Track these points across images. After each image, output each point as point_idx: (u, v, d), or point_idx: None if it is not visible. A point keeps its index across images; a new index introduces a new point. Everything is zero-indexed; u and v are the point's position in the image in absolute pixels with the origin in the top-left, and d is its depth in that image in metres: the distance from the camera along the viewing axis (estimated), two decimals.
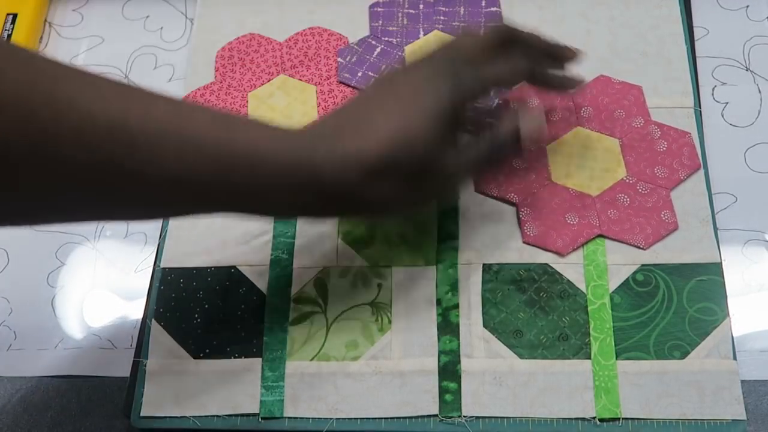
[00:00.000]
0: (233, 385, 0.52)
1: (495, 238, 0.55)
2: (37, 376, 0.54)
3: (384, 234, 0.56)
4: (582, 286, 0.53)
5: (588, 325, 0.52)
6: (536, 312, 0.53)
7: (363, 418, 0.50)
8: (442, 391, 0.51)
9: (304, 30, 0.64)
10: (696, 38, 0.63)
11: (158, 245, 0.57)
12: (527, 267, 0.54)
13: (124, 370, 0.54)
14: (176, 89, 0.64)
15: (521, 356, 0.51)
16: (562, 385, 0.50)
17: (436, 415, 0.50)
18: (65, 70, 0.38)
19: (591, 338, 0.51)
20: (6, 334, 0.55)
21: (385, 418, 0.50)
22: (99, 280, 0.57)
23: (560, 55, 0.52)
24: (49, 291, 0.57)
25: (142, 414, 0.51)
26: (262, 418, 0.51)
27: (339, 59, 0.62)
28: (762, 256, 0.55)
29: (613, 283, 0.53)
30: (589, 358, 0.51)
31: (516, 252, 0.54)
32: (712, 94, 0.61)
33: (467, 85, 0.46)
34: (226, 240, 0.56)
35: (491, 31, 0.49)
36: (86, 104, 0.37)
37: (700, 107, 0.59)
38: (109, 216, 0.45)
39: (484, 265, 0.54)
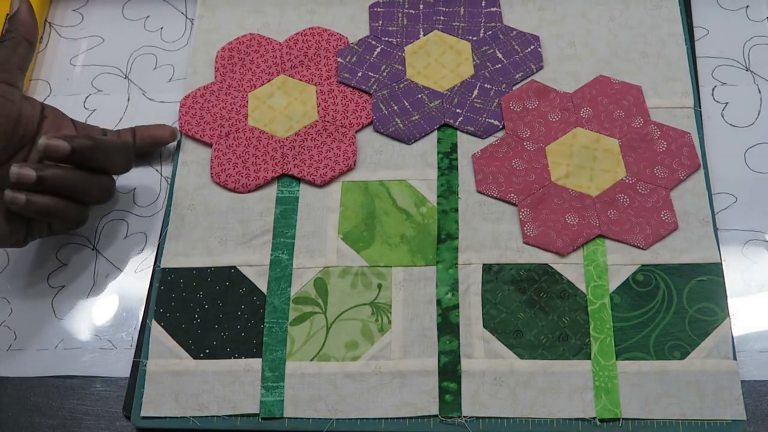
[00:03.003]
0: (233, 385, 0.52)
1: (495, 238, 0.55)
2: (37, 376, 0.54)
3: (384, 234, 0.56)
4: (582, 287, 0.53)
5: (588, 325, 0.52)
6: (536, 312, 0.53)
7: (363, 418, 0.50)
8: (442, 391, 0.51)
9: (304, 30, 0.64)
10: (696, 38, 0.63)
11: (158, 245, 0.57)
12: (527, 267, 0.54)
13: (124, 370, 0.54)
14: (176, 89, 0.64)
15: (521, 356, 0.51)
16: (562, 385, 0.50)
17: (436, 416, 0.50)
18: None
19: (591, 338, 0.51)
20: (6, 334, 0.55)
21: (385, 419, 0.50)
22: (99, 280, 0.57)
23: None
24: (49, 291, 0.57)
25: (142, 414, 0.51)
26: (262, 419, 0.51)
27: (339, 59, 0.62)
28: (762, 256, 0.55)
29: (613, 284, 0.53)
30: (589, 358, 0.51)
31: (516, 252, 0.54)
32: (712, 94, 0.61)
33: None
34: (226, 240, 0.56)
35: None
36: None
37: (700, 107, 0.59)
38: None
39: (484, 265, 0.54)
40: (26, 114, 0.52)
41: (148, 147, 0.59)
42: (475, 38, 0.63)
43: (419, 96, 0.60)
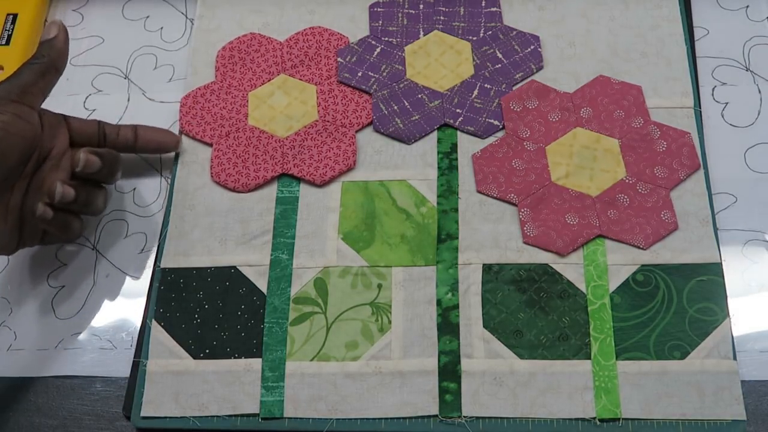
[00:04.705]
0: (233, 385, 0.52)
1: (495, 238, 0.55)
2: (37, 376, 0.54)
3: (384, 234, 0.56)
4: (582, 286, 0.53)
5: (588, 325, 0.52)
6: (536, 312, 0.53)
7: (363, 418, 0.50)
8: (442, 391, 0.51)
9: (304, 29, 0.64)
10: (696, 38, 0.63)
11: (158, 245, 0.57)
12: (527, 267, 0.54)
13: (124, 370, 0.54)
14: (176, 89, 0.64)
15: (521, 356, 0.51)
16: (562, 385, 0.50)
17: (436, 416, 0.50)
18: None
19: (591, 338, 0.51)
20: (6, 334, 0.55)
21: (385, 418, 0.50)
22: (99, 280, 0.57)
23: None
24: (49, 291, 0.57)
25: (142, 414, 0.51)
26: (262, 419, 0.51)
27: (339, 59, 0.62)
28: (762, 256, 0.55)
29: (613, 283, 0.53)
30: (589, 358, 0.51)
31: (516, 252, 0.54)
32: (712, 94, 0.61)
33: None
34: (226, 240, 0.56)
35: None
36: None
37: (700, 107, 0.59)
38: None
39: (484, 265, 0.54)
40: (39, 133, 0.53)
41: (151, 151, 0.59)
42: (475, 38, 0.63)
43: (419, 96, 0.60)
